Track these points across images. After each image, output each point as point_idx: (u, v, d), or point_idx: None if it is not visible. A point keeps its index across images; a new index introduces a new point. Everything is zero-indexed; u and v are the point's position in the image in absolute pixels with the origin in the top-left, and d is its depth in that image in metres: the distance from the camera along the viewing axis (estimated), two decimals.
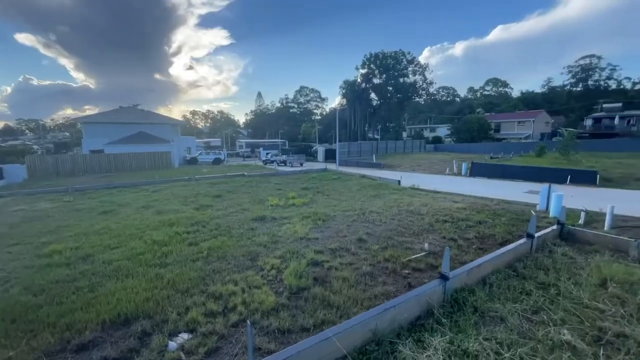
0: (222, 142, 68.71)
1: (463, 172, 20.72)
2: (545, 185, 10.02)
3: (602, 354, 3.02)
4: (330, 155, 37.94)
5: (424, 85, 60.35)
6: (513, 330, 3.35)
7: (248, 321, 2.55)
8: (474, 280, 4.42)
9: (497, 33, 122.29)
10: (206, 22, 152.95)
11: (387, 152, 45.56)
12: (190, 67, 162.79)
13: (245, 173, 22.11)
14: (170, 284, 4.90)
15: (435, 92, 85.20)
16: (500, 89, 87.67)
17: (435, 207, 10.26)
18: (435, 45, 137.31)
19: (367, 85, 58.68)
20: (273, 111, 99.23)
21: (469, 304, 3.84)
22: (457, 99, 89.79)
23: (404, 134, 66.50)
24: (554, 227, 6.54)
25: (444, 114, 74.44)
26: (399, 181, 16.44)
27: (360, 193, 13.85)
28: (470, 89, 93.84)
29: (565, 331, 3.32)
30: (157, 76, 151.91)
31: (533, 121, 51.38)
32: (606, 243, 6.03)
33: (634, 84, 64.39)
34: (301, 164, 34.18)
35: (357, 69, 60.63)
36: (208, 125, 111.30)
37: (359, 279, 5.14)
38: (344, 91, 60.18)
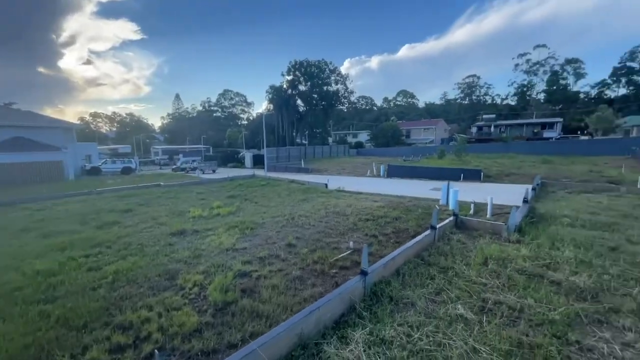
0: (133, 148, 60.57)
1: (381, 174, 22.81)
2: (445, 183, 11.80)
3: (485, 320, 3.71)
4: (258, 161, 37.17)
5: (346, 94, 64.46)
6: (421, 313, 3.84)
7: (156, 350, 2.30)
8: (390, 272, 4.91)
9: (405, 51, 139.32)
10: (108, 11, 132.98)
11: (315, 156, 47.05)
12: (89, 62, 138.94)
13: (162, 183, 19.94)
14: (60, 322, 4.06)
15: (356, 101, 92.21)
16: (409, 99, 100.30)
17: (359, 207, 11.01)
18: (354, 57, 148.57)
19: (294, 92, 59.66)
20: (194, 115, 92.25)
21: (385, 295, 4.25)
22: (375, 108, 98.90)
23: (330, 140, 69.72)
24: (451, 218, 7.76)
25: (364, 121, 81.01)
26: (326, 184, 17.12)
27: (289, 198, 13.94)
28: (385, 99, 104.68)
29: (460, 306, 3.97)
30: (42, 70, 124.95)
31: (435, 128, 60.07)
32: (487, 228, 7.44)
33: (502, 99, 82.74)
34: (213, 171, 32.74)
35: (282, 75, 61.13)
36: (114, 129, 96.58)
37: (288, 284, 5.16)
38: (270, 96, 59.90)
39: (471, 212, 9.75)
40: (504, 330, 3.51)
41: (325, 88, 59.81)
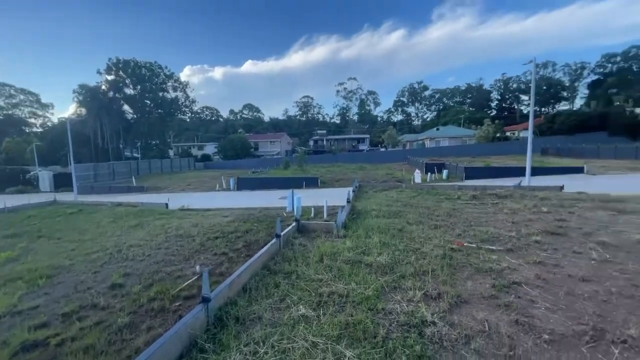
0: None
1: (232, 187, 22.30)
2: (290, 191, 12.87)
3: (322, 313, 4.25)
4: (64, 182, 28.08)
5: (187, 103, 59.42)
6: (267, 325, 3.93)
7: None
8: (236, 291, 4.79)
9: (249, 66, 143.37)
10: None
11: (152, 172, 40.37)
12: None
13: None
14: None
15: (200, 111, 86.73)
16: (255, 113, 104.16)
17: (206, 225, 10.26)
18: (195, 65, 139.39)
19: (118, 95, 49.22)
20: None
21: (232, 317, 4.09)
22: (221, 119, 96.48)
23: (171, 152, 61.95)
24: (294, 223, 8.51)
25: (210, 132, 77.09)
26: (166, 204, 14.98)
27: (115, 226, 11.29)
28: (232, 111, 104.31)
29: (301, 306, 4.36)
30: None
31: (280, 141, 64.92)
32: (322, 228, 8.64)
33: (330, 118, 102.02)
34: None
35: (99, 73, 49.39)
36: None
37: (112, 338, 4.14)
38: (81, 98, 46.78)
39: (312, 215, 11.07)
40: (335, 317, 4.12)
41: (160, 94, 52.90)
